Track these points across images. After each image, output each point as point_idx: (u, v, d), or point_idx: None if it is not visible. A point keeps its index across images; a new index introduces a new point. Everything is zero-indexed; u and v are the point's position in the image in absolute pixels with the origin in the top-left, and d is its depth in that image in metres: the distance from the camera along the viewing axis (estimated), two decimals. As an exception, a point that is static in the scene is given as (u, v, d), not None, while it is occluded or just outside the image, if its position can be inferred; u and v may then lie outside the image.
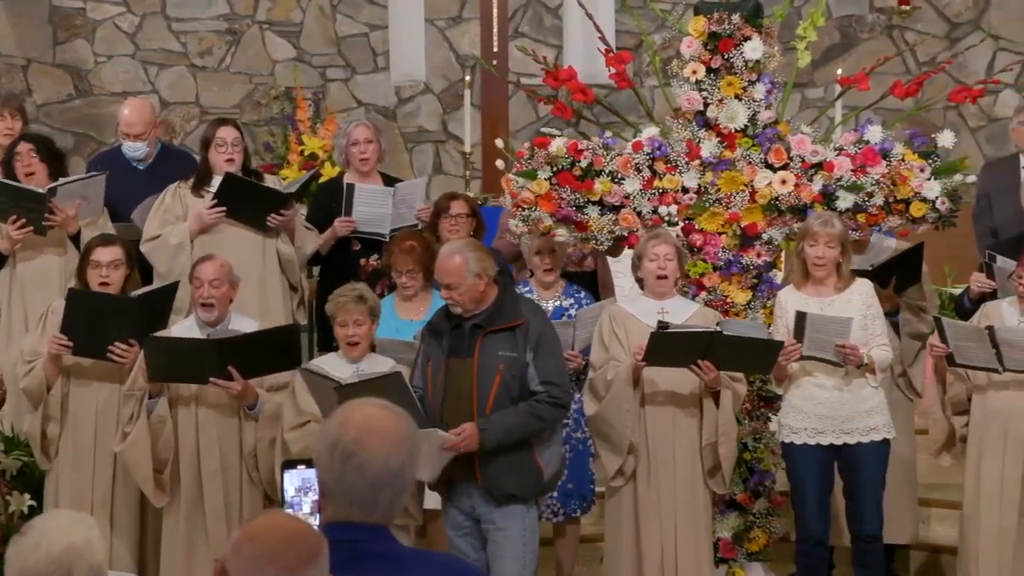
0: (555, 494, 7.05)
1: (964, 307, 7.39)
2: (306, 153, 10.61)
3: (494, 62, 9.75)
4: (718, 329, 6.54)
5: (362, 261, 8.07)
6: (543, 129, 7.59)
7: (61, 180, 7.82)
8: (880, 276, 7.17)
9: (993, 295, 7.12)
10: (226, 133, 7.88)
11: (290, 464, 3.68)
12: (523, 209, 7.15)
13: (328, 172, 9.83)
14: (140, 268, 7.50)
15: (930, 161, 7.10)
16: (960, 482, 7.09)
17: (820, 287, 6.82)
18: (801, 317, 6.64)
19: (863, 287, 6.86)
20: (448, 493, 6.44)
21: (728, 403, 6.71)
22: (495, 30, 10.19)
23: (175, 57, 11.44)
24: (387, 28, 10.74)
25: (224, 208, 7.76)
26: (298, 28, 11.49)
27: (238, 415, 6.83)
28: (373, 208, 8.06)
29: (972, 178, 7.34)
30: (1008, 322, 6.66)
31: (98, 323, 6.88)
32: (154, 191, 8.04)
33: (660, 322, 6.56)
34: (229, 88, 11.44)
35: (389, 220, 8.05)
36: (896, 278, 7.26)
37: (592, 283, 7.74)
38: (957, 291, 8.08)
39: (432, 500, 6.71)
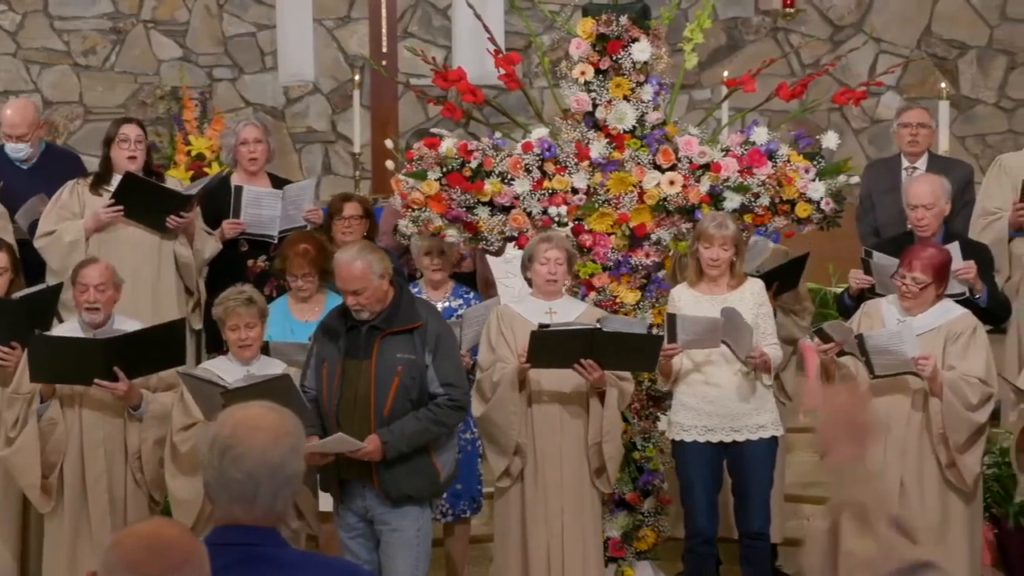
0: (445, 495, 7.05)
1: (845, 304, 7.49)
2: (193, 153, 10.51)
3: (383, 62, 9.73)
4: (598, 326, 6.56)
5: (249, 262, 8.01)
6: (433, 130, 7.59)
7: None
8: (765, 280, 7.25)
9: (872, 291, 7.23)
10: (129, 130, 7.82)
11: None
12: (413, 210, 7.14)
13: (215, 171, 9.74)
14: (36, 265, 7.43)
15: (815, 162, 7.19)
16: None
17: (714, 286, 6.88)
18: (671, 319, 6.70)
19: (755, 286, 6.93)
20: (340, 494, 6.42)
21: (613, 402, 6.74)
22: (384, 30, 10.17)
23: (58, 56, 11.28)
24: (275, 28, 10.68)
25: (121, 208, 7.68)
26: (184, 27, 11.38)
27: (123, 416, 6.76)
28: (262, 210, 8.01)
29: (855, 179, 7.44)
30: (888, 320, 6.75)
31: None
32: (38, 191, 7.93)
33: (540, 324, 6.58)
34: (114, 88, 11.30)
35: (278, 222, 8.00)
36: (777, 283, 7.36)
37: (471, 283, 7.76)
38: (840, 290, 8.20)
39: (324, 502, 6.68)
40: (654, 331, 7.03)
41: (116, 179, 7.76)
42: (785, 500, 7.76)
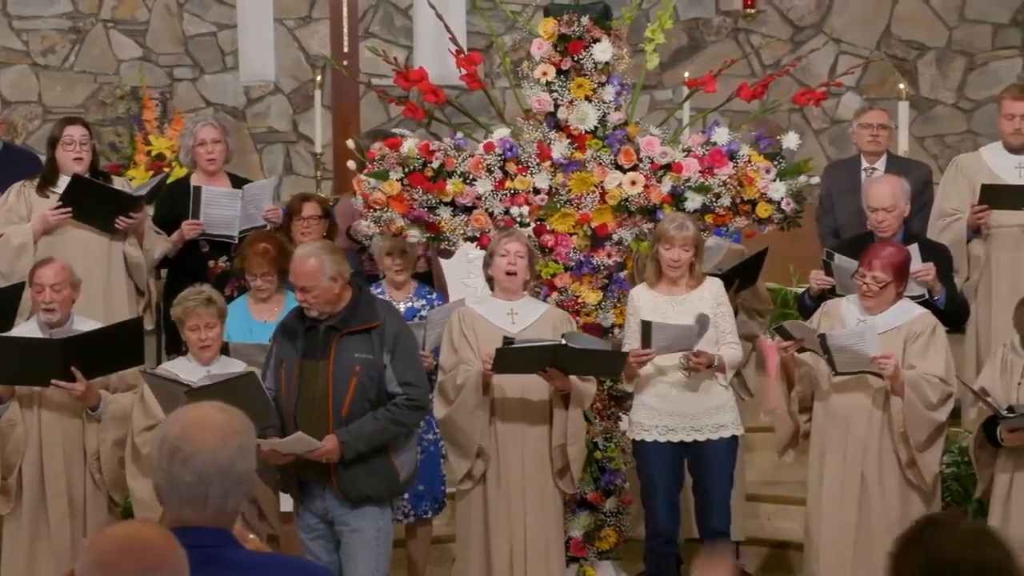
0: (407, 495, 7.05)
1: (806, 305, 7.52)
2: (153, 153, 10.47)
3: (344, 62, 9.70)
4: (563, 343, 6.57)
5: (210, 263, 7.99)
6: (394, 130, 7.58)
7: None
8: (726, 279, 7.28)
9: (832, 292, 7.26)
10: (73, 131, 7.77)
11: None
12: (375, 210, 7.13)
13: (176, 173, 9.71)
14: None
15: (775, 163, 7.21)
16: (797, 479, 7.21)
17: (673, 286, 6.90)
18: (646, 326, 6.71)
19: (714, 286, 6.95)
20: (300, 495, 6.41)
21: (577, 405, 6.75)
22: (345, 30, 10.15)
23: (16, 56, 11.22)
24: (235, 27, 10.64)
25: (69, 209, 7.64)
26: (144, 27, 11.33)
27: (81, 417, 6.73)
28: (221, 210, 7.98)
29: (816, 179, 7.47)
30: (848, 320, 6.78)
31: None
32: (-2, 190, 7.90)
33: (506, 337, 6.58)
34: (73, 87, 11.25)
35: (238, 222, 7.98)
36: (738, 281, 7.38)
37: (428, 284, 7.76)
38: (801, 291, 8.23)
39: (285, 503, 6.66)
40: (615, 331, 7.04)
41: (63, 180, 7.72)
42: (746, 500, 7.80)
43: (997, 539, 3.05)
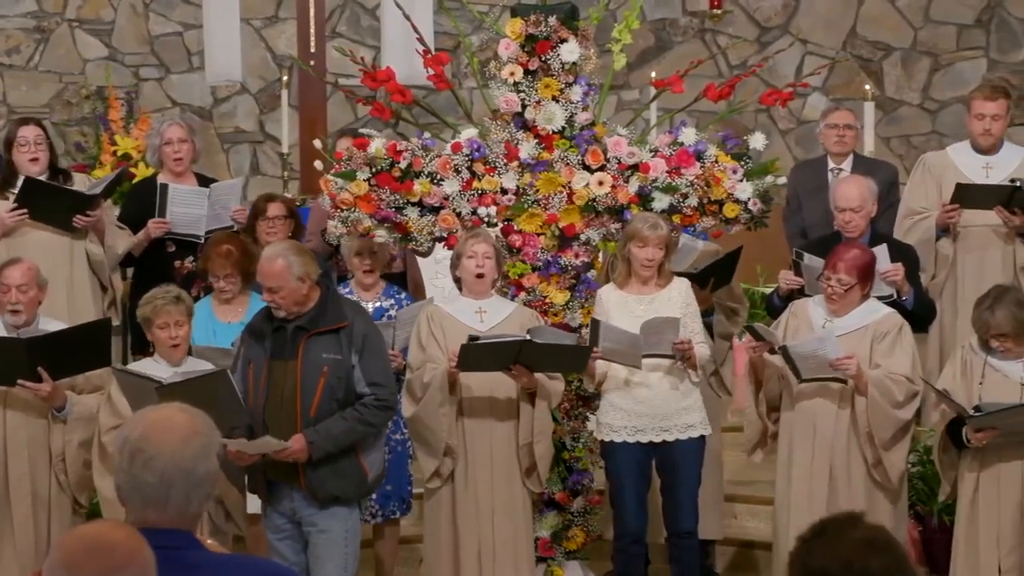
0: (374, 496, 7.04)
1: (774, 305, 7.53)
2: (119, 153, 10.43)
3: (311, 62, 9.70)
4: (527, 338, 6.58)
5: (177, 263, 7.96)
6: (362, 130, 7.58)
7: None
8: (701, 278, 7.29)
9: (801, 292, 7.28)
10: (27, 132, 7.76)
11: None
12: (342, 210, 7.12)
13: (142, 172, 9.68)
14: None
15: (742, 163, 7.23)
16: (766, 479, 7.22)
17: (642, 286, 6.90)
18: (595, 325, 6.72)
19: (682, 286, 6.96)
20: (268, 496, 6.39)
21: (544, 403, 6.76)
22: (312, 30, 10.13)
23: (-20, 55, 11.17)
24: (202, 27, 10.61)
25: (25, 211, 7.63)
26: (110, 26, 11.29)
27: (47, 418, 6.69)
28: (188, 209, 7.96)
29: (783, 179, 7.48)
30: (815, 321, 6.80)
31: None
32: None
33: (471, 335, 6.58)
34: (38, 87, 11.20)
35: (204, 221, 7.96)
36: (712, 280, 7.39)
37: (402, 284, 7.75)
38: (768, 290, 8.25)
39: (253, 504, 6.65)
40: (583, 331, 7.04)
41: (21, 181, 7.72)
42: (729, 500, 7.80)
43: (884, 548, 2.96)
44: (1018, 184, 7.60)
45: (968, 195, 7.66)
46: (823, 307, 6.80)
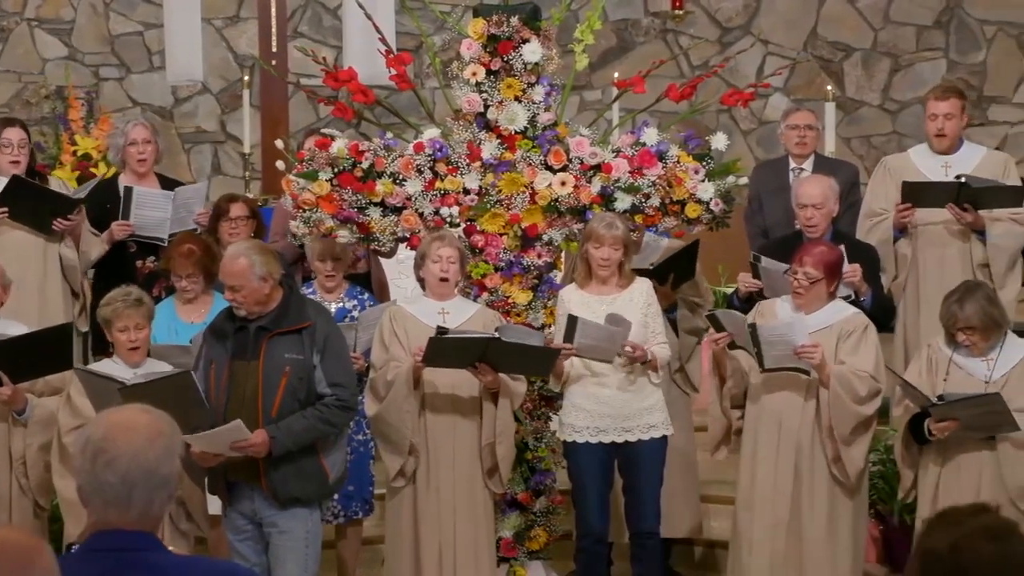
0: (336, 496, 7.02)
1: (734, 306, 7.56)
2: (79, 154, 10.38)
3: (273, 62, 9.68)
4: (496, 335, 6.58)
5: (138, 263, 7.93)
6: (324, 130, 7.56)
7: None
8: (660, 274, 7.31)
9: (760, 294, 7.30)
10: (12, 134, 7.74)
11: None
12: (304, 210, 7.10)
13: (101, 171, 9.64)
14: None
15: (704, 163, 7.25)
16: (729, 479, 7.23)
17: (602, 287, 6.91)
18: (572, 321, 6.72)
19: (643, 286, 6.97)
20: (229, 497, 6.37)
21: (506, 404, 6.76)
22: (273, 30, 10.11)
23: (-60, 55, 11.11)
24: (162, 27, 10.57)
25: (6, 209, 7.59)
26: (69, 26, 11.24)
27: (7, 421, 6.66)
28: (152, 212, 7.93)
29: (744, 180, 7.51)
30: (782, 319, 6.81)
31: None
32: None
33: (439, 327, 6.58)
34: (-3, 86, 11.15)
35: (168, 224, 7.92)
36: (673, 275, 7.41)
37: (366, 285, 7.74)
38: (730, 290, 8.27)
39: (214, 505, 6.63)
40: (546, 332, 7.05)
41: (1, 181, 7.67)
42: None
43: (996, 537, 2.96)
44: (963, 180, 7.65)
45: (916, 193, 7.70)
46: (790, 305, 6.83)
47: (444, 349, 6.55)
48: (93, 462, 3.14)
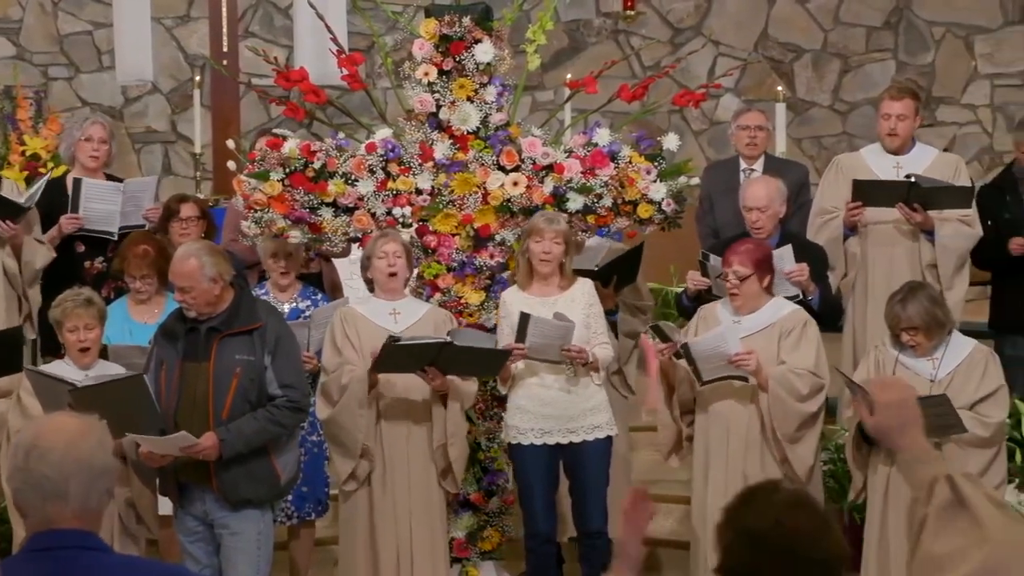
0: (289, 497, 7.01)
1: (684, 305, 7.59)
2: (28, 154, 10.30)
3: (224, 62, 9.63)
4: (448, 340, 6.58)
5: (87, 263, 7.89)
6: (275, 130, 7.54)
7: None
8: (603, 276, 7.33)
9: (708, 292, 7.33)
10: None
11: None
12: (256, 211, 7.08)
13: (50, 171, 9.56)
14: None
15: (656, 163, 7.26)
16: (677, 478, 7.25)
17: (544, 287, 6.91)
18: (524, 318, 6.72)
19: (585, 286, 6.98)
20: (180, 498, 6.35)
21: (456, 406, 6.76)
22: (224, 30, 10.07)
23: None
24: (112, 26, 10.51)
25: None
26: (18, 25, 11.16)
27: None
28: (102, 205, 7.87)
29: (695, 180, 7.53)
30: (723, 322, 6.82)
31: None
32: None
33: (391, 336, 6.58)
34: (-56, 86, 11.06)
35: (118, 217, 7.87)
36: (616, 278, 7.44)
37: (319, 285, 7.72)
38: (680, 290, 8.30)
39: (164, 506, 6.59)
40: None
41: None
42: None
43: (806, 506, 3.13)
44: (913, 180, 7.69)
45: (867, 192, 7.74)
46: (729, 307, 6.85)
47: (397, 356, 6.55)
48: (27, 459, 3.17)
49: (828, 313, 7.41)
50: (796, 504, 3.12)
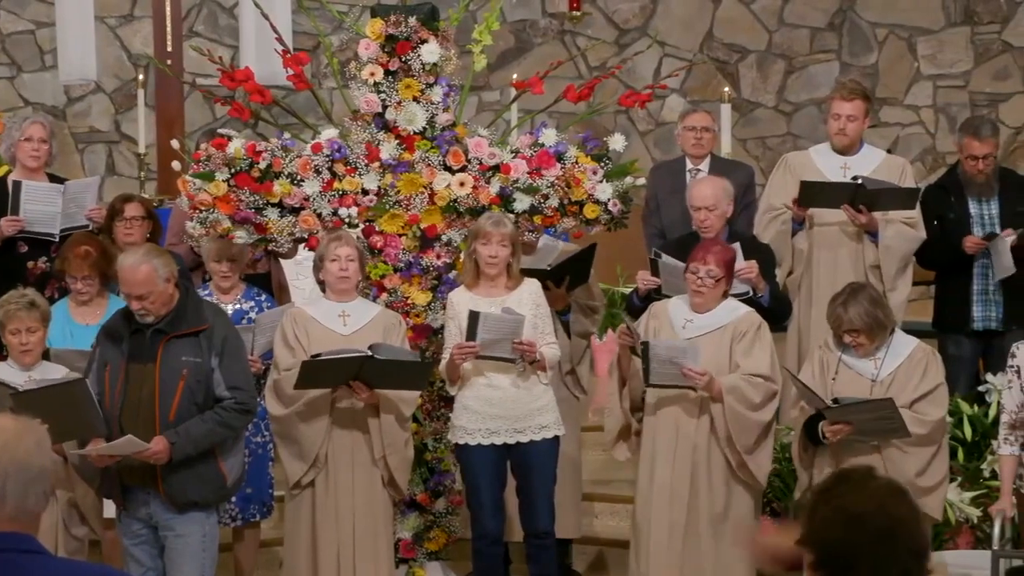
0: (234, 498, 6.98)
1: (634, 305, 7.60)
2: (-31, 153, 10.21)
3: (168, 62, 9.58)
4: (369, 354, 6.56)
5: (30, 264, 7.82)
6: (220, 130, 7.50)
7: None
8: (555, 276, 7.33)
9: (658, 291, 7.34)
10: None
11: None
12: (201, 211, 7.04)
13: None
14: None
15: (602, 164, 7.28)
16: (624, 478, 7.25)
17: (491, 287, 6.91)
18: (474, 316, 6.71)
19: (532, 287, 6.98)
20: (124, 501, 6.30)
21: (390, 417, 6.73)
22: (168, 29, 10.01)
23: None
24: (55, 25, 10.43)
25: None
26: (-41, 24, 11.07)
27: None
28: (42, 207, 7.81)
29: (642, 180, 7.55)
30: (675, 321, 6.85)
31: None
32: None
33: (313, 354, 6.56)
34: None
35: (59, 219, 7.82)
36: (568, 278, 7.44)
37: (265, 286, 7.69)
38: (628, 291, 8.31)
39: (108, 508, 6.55)
40: (439, 337, 7.05)
41: None
42: (585, 500, 7.85)
43: (906, 496, 3.22)
44: (860, 182, 7.74)
45: (814, 193, 7.78)
46: (685, 306, 6.85)
47: (317, 371, 6.53)
48: None
49: (779, 310, 7.45)
50: (899, 492, 3.22)
